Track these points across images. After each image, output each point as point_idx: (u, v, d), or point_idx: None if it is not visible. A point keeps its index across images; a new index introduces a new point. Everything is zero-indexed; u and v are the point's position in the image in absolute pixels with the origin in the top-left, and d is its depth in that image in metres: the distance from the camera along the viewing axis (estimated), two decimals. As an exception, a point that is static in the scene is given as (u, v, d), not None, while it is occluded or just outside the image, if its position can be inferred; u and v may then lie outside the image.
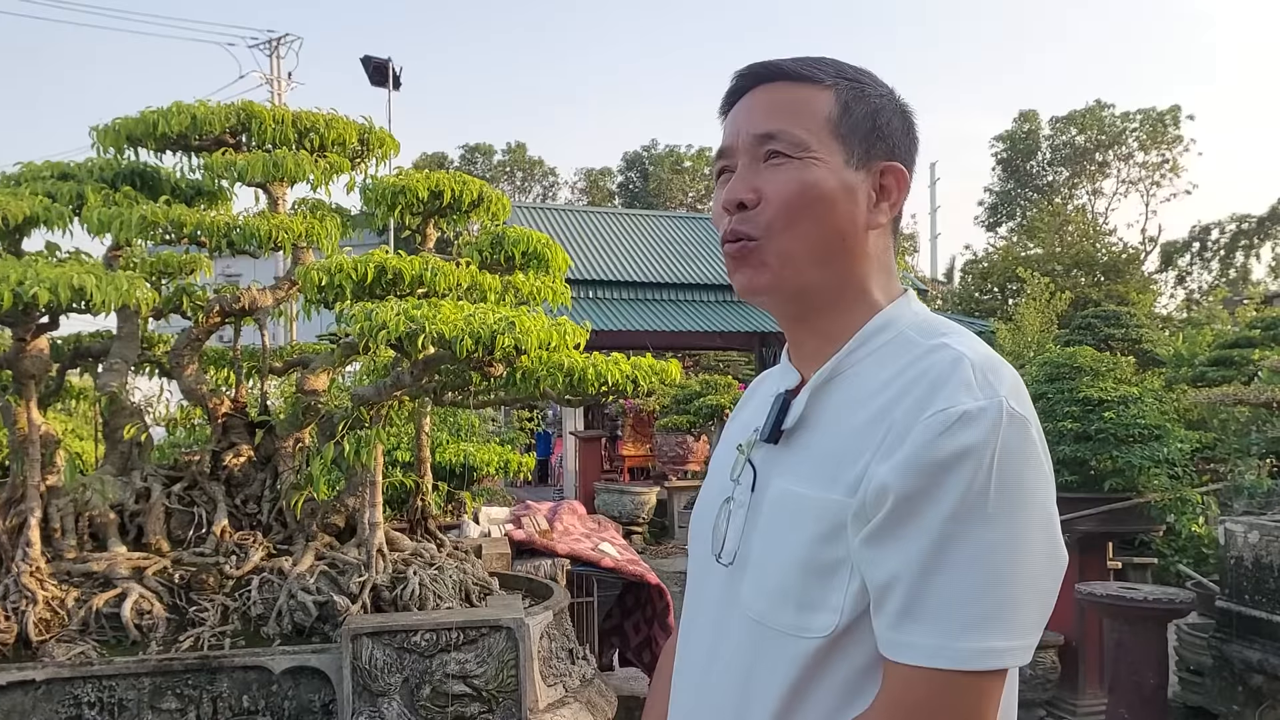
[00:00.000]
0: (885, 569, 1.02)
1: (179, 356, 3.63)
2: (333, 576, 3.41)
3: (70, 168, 3.70)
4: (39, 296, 2.79)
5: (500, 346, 2.96)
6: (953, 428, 1.00)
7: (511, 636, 3.14)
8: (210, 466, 3.66)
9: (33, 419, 3.30)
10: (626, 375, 3.55)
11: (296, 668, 3.13)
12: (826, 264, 1.18)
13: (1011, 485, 0.99)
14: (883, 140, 1.20)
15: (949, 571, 0.98)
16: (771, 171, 1.17)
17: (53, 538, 3.42)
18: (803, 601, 1.09)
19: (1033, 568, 1.00)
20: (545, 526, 5.47)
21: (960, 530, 0.98)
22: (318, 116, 3.63)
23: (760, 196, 1.17)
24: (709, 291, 18.57)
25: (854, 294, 1.20)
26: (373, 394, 3.35)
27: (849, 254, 1.19)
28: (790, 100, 1.19)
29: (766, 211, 1.16)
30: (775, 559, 1.14)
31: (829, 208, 1.16)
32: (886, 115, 1.22)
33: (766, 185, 1.17)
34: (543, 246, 3.99)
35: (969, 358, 1.06)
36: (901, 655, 1.01)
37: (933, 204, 25.31)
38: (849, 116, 1.19)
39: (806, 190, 1.16)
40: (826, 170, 1.16)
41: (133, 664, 3.07)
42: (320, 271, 3.14)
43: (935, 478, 0.99)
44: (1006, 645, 0.98)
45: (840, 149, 1.18)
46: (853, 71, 1.23)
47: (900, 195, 1.22)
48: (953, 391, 1.03)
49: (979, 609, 0.97)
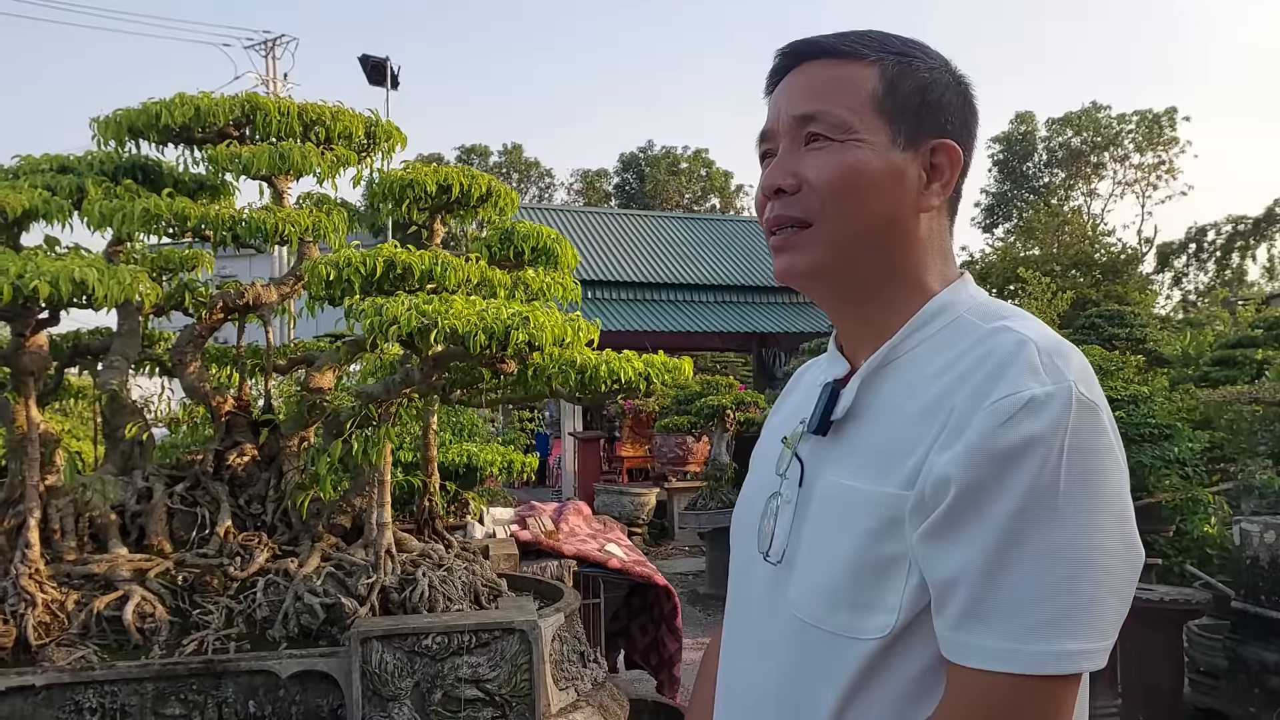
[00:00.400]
0: (947, 566, 0.95)
1: (181, 354, 3.55)
2: (340, 578, 3.33)
3: (70, 160, 3.62)
4: (39, 290, 2.71)
5: (514, 342, 2.89)
6: (1018, 415, 0.94)
7: (525, 639, 3.07)
8: (213, 466, 3.58)
9: (32, 417, 3.22)
10: (640, 373, 3.48)
11: (304, 672, 3.05)
12: (875, 250, 1.12)
13: (1083, 477, 0.93)
14: (933, 116, 1.13)
15: (1017, 569, 0.92)
16: (812, 155, 1.11)
17: (52, 539, 3.34)
18: (857, 601, 1.03)
19: (1107, 565, 0.94)
20: (551, 527, 5.40)
21: (1028, 525, 0.92)
22: (323, 109, 3.56)
23: (800, 181, 1.11)
24: (706, 292, 18.51)
25: (906, 280, 1.14)
26: (381, 391, 3.27)
27: (899, 239, 1.12)
28: (831, 78, 1.13)
29: (809, 196, 1.11)
30: (826, 557, 1.07)
31: (874, 191, 1.10)
32: (938, 90, 1.15)
33: (807, 169, 1.11)
34: (552, 242, 3.92)
35: (1033, 340, 1.00)
36: (967, 658, 0.94)
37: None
38: (894, 93, 1.12)
39: (849, 174, 1.10)
40: (870, 152, 1.10)
41: (135, 668, 2.99)
42: (328, 266, 3.07)
43: (1000, 469, 0.93)
44: (1080, 648, 0.92)
45: (885, 128, 1.11)
46: (900, 44, 1.16)
47: (954, 174, 1.15)
48: (1017, 376, 0.96)
49: (1050, 609, 0.91)
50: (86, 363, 3.97)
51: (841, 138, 1.10)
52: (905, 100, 1.12)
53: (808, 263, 1.13)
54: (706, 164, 41.05)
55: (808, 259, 1.13)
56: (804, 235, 1.12)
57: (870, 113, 1.11)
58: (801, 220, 1.12)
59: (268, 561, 3.39)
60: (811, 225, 1.11)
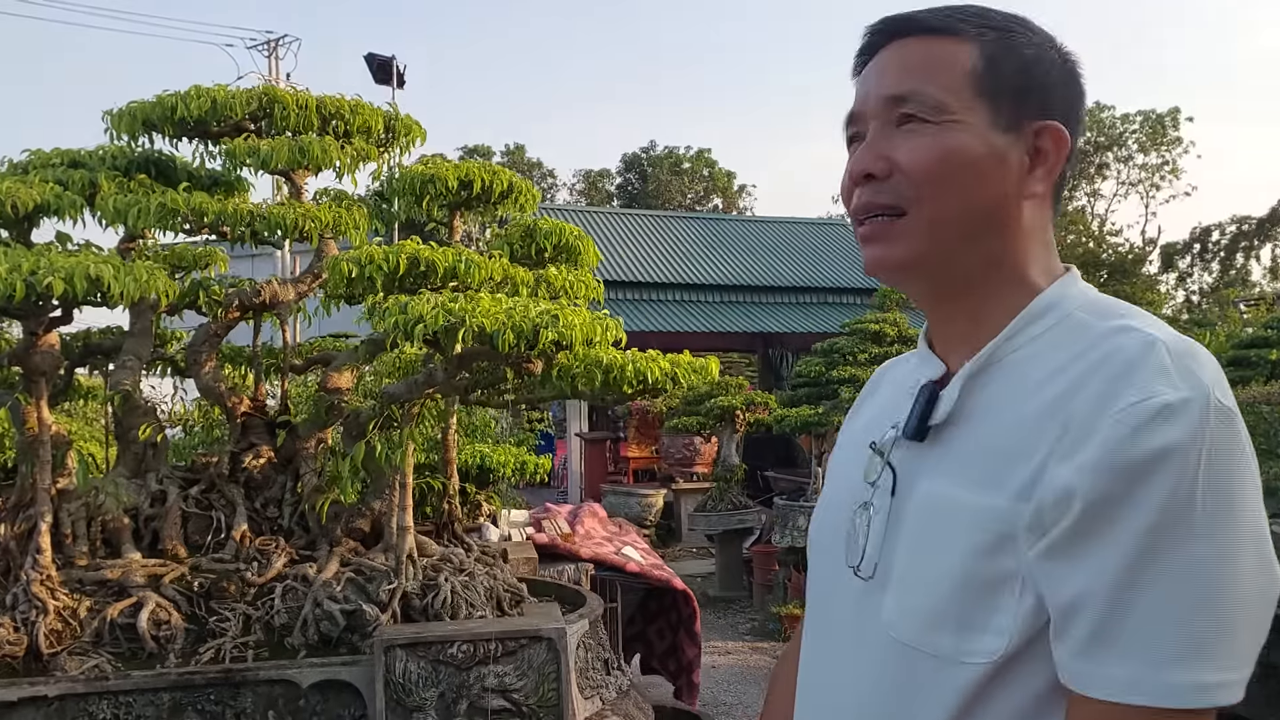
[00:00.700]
0: (1071, 587, 0.87)
1: (196, 353, 3.46)
2: (360, 584, 3.24)
3: (80, 155, 3.53)
4: (53, 287, 2.62)
5: (543, 341, 2.80)
6: (1152, 423, 0.85)
7: (553, 647, 2.97)
8: (229, 468, 3.49)
9: (43, 418, 3.13)
10: (666, 373, 3.39)
11: (325, 681, 2.95)
12: (974, 240, 1.04)
13: (1221, 491, 0.85)
14: (1037, 96, 1.05)
15: (1150, 591, 0.84)
16: (905, 138, 1.03)
17: (63, 544, 3.25)
18: (963, 622, 0.95)
19: (1245, 588, 0.85)
20: (567, 530, 5.31)
21: (1163, 544, 0.84)
22: (341, 101, 3.46)
23: (892, 166, 1.03)
24: (711, 292, 18.43)
25: (1008, 273, 1.05)
26: (403, 392, 3.18)
27: (1000, 228, 1.04)
28: (926, 56, 1.05)
29: (902, 182, 1.03)
30: (926, 573, 0.99)
31: (974, 177, 1.02)
32: (1042, 68, 1.06)
33: (899, 153, 1.03)
34: (574, 239, 3.83)
35: (1162, 340, 0.91)
36: (1091, 688, 0.86)
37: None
38: (995, 71, 1.04)
39: (946, 158, 1.02)
40: (969, 134, 1.02)
41: (151, 678, 2.89)
42: (350, 262, 2.98)
43: (1132, 482, 0.85)
44: (1218, 679, 0.84)
45: (985, 109, 1.03)
46: (1000, 19, 1.08)
47: (1059, 159, 1.06)
48: (1148, 380, 0.88)
49: (1185, 636, 0.83)
50: (97, 362, 3.88)
51: (938, 119, 1.02)
52: (1007, 79, 1.04)
53: (901, 254, 1.05)
54: (709, 164, 40.99)
55: (901, 250, 1.05)
56: (897, 224, 1.05)
57: (969, 92, 1.03)
58: (893, 208, 1.04)
59: (285, 567, 3.30)
60: (905, 213, 1.04)
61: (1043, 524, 0.89)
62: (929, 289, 1.10)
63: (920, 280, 1.09)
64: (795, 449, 13.65)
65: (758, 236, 20.88)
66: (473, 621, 3.12)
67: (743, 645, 8.21)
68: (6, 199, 3.03)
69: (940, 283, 1.08)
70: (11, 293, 2.55)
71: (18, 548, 3.19)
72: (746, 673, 7.39)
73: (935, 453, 1.04)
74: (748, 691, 6.95)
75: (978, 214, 1.03)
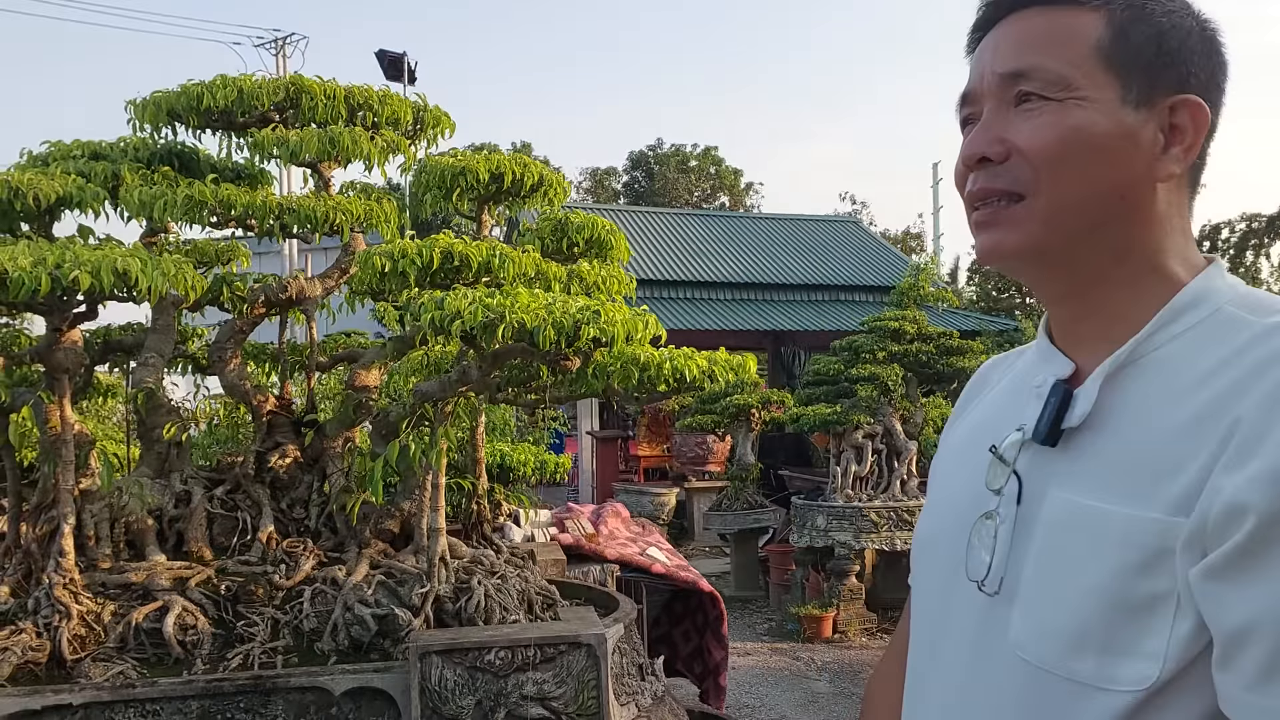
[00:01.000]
0: (1241, 611, 0.78)
1: (221, 350, 3.37)
2: (391, 587, 3.15)
3: (102, 147, 3.44)
4: (79, 281, 2.53)
5: (584, 338, 2.70)
6: None
7: (592, 654, 2.88)
8: (254, 468, 3.40)
9: (66, 417, 3.04)
10: (704, 370, 3.30)
11: (358, 688, 2.86)
12: (1101, 227, 0.95)
13: None
14: (1172, 69, 0.95)
15: None
16: (1023, 118, 0.95)
17: (86, 546, 3.16)
18: (1107, 645, 0.86)
19: None
20: (591, 530, 5.22)
21: None
22: (370, 92, 3.37)
23: (1009, 149, 0.95)
24: (720, 289, 18.32)
25: (1143, 262, 0.96)
26: (437, 390, 3.09)
27: (1131, 214, 0.95)
28: (1047, 28, 0.96)
29: (1020, 165, 0.95)
30: (1063, 591, 0.90)
31: (1101, 158, 0.93)
32: (1178, 37, 0.96)
33: (1017, 135, 0.95)
34: (606, 233, 3.74)
35: None
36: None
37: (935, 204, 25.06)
38: (1125, 42, 0.94)
39: (1069, 138, 0.93)
40: (1095, 111, 0.93)
41: (179, 685, 2.80)
42: (382, 257, 2.88)
43: None
44: None
45: (1114, 83, 0.94)
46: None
47: (1198, 136, 0.96)
48: None
49: None
50: (117, 360, 3.80)
51: (1059, 96, 0.94)
52: (1138, 50, 0.95)
53: (1018, 241, 0.97)
54: (716, 162, 40.84)
55: (1018, 237, 0.97)
56: (1015, 210, 0.96)
57: (1095, 66, 0.94)
58: (1011, 192, 0.96)
59: (314, 569, 3.21)
60: (1024, 198, 0.95)
61: (1206, 540, 0.81)
62: (1051, 279, 1.02)
63: (1039, 270, 1.01)
64: (808, 447, 13.53)
65: (768, 233, 20.77)
66: (509, 626, 3.02)
67: (761, 646, 8.12)
68: (29, 191, 2.94)
69: (1063, 273, 0.99)
70: (36, 287, 2.46)
71: (39, 550, 3.11)
72: (768, 674, 7.30)
73: (1068, 458, 0.96)
74: (769, 693, 6.86)
75: (1104, 199, 0.94)
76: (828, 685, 7.08)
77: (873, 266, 19.88)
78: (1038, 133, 0.94)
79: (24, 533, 3.19)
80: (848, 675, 7.28)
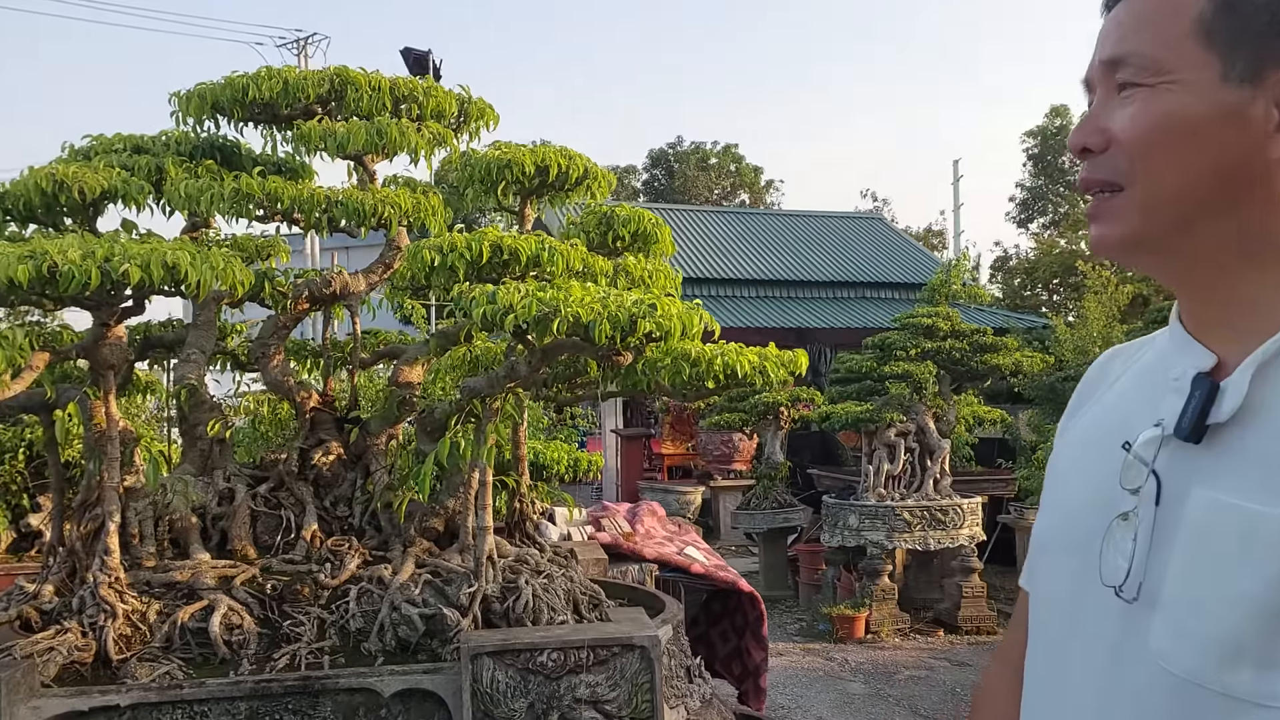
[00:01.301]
0: None
1: (264, 346, 3.33)
2: (438, 586, 3.10)
3: (144, 140, 3.40)
4: (129, 275, 2.49)
5: (640, 332, 2.64)
6: None
7: (646, 656, 2.82)
8: (298, 465, 3.35)
9: (111, 413, 3.00)
10: (755, 366, 3.23)
11: (407, 690, 2.81)
12: (1211, 214, 0.90)
13: None
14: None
15: None
16: (1122, 106, 0.92)
17: (130, 544, 3.12)
18: (1265, 659, 0.80)
19: None
20: (628, 529, 5.16)
21: None
22: (415, 84, 3.32)
23: (1108, 138, 0.92)
24: (744, 286, 18.23)
25: (1271, 248, 0.91)
26: (484, 386, 3.03)
27: (1245, 198, 0.89)
28: (1149, 8, 0.92)
29: (1117, 155, 0.91)
30: (1213, 598, 0.83)
31: (1193, 143, 0.89)
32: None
33: (1114, 124, 0.92)
34: (652, 226, 3.68)
35: None
36: None
37: (955, 201, 24.88)
38: (1230, 14, 0.89)
39: (1159, 125, 0.89)
40: (1189, 94, 0.89)
41: (227, 686, 2.76)
42: (431, 250, 2.83)
43: None
44: None
45: (1214, 61, 0.88)
46: None
47: None
48: None
49: None
50: (157, 356, 3.76)
51: (1152, 81, 0.90)
52: (1246, 21, 0.88)
53: (1120, 235, 0.94)
54: (736, 159, 40.67)
55: (1120, 230, 0.94)
56: (1115, 202, 0.93)
57: (1192, 44, 0.89)
58: (1111, 183, 0.93)
59: (359, 568, 3.16)
60: (1123, 189, 0.92)
61: None
62: (1165, 270, 0.98)
63: (1155, 261, 0.97)
64: (835, 446, 13.43)
65: (791, 230, 20.65)
66: (560, 628, 2.96)
67: (793, 646, 8.03)
68: (73, 184, 2.91)
69: (1178, 264, 0.95)
70: (87, 280, 2.42)
71: (84, 548, 3.07)
72: (801, 674, 7.22)
73: (1212, 455, 0.89)
74: (803, 694, 6.78)
75: (1206, 185, 0.90)
76: (862, 686, 6.99)
77: (898, 263, 19.73)
78: (1130, 121, 0.91)
79: (68, 531, 3.16)
80: (882, 676, 7.20)
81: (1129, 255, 0.98)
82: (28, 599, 3.03)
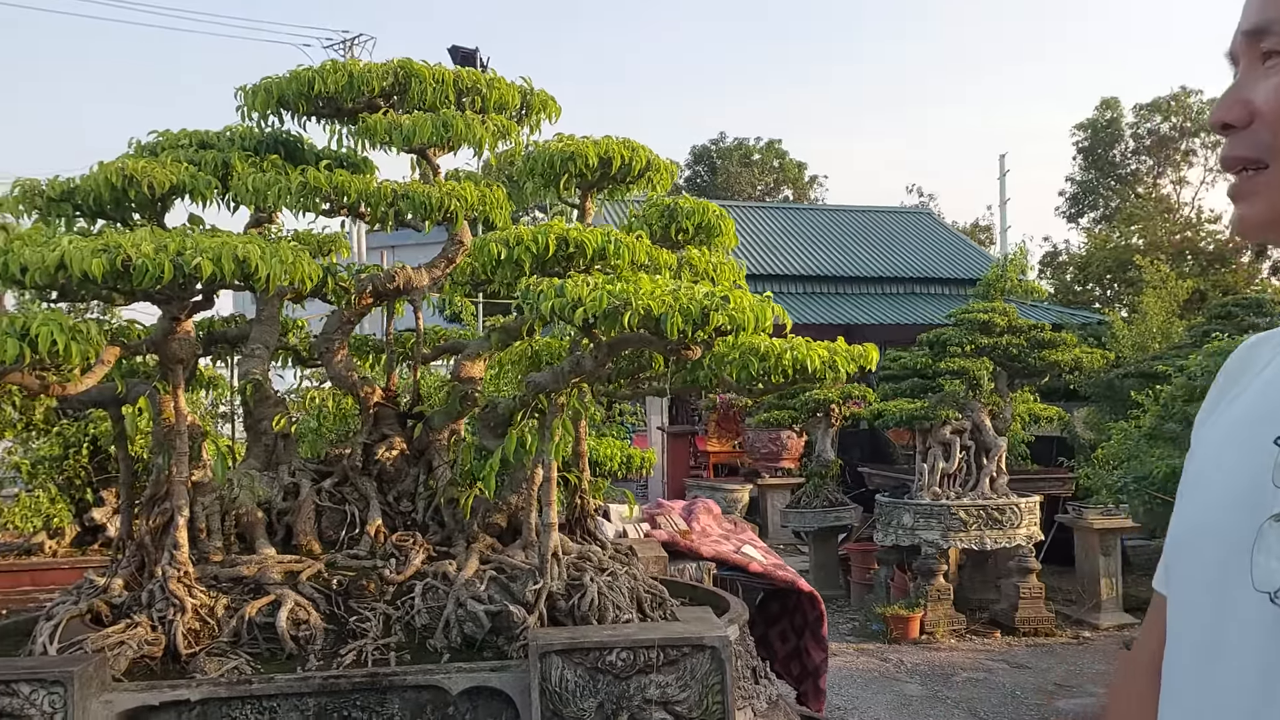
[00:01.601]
0: None
1: (329, 341, 3.32)
2: (503, 583, 3.07)
3: (210, 136, 3.41)
4: (201, 269, 2.48)
5: (712, 325, 2.58)
6: None
7: (716, 656, 2.76)
8: (361, 460, 3.34)
9: (180, 408, 3.01)
10: (825, 361, 3.16)
11: (474, 688, 2.78)
12: None
13: None
14: None
15: None
16: (1266, 77, 0.87)
17: (198, 539, 3.13)
18: None
19: None
20: (684, 526, 5.10)
21: None
22: (478, 76, 3.29)
23: (1251, 112, 0.87)
24: (790, 282, 18.09)
25: None
26: (550, 381, 2.99)
27: None
28: None
29: (1261, 131, 0.86)
30: None
31: None
32: None
33: (1258, 96, 0.86)
34: (716, 219, 3.62)
35: None
36: None
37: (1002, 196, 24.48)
38: None
39: None
40: None
41: (295, 682, 2.74)
42: (498, 243, 2.79)
43: None
44: None
45: None
46: None
47: None
48: None
49: None
50: (220, 351, 3.77)
51: None
52: None
53: (1261, 213, 0.89)
54: (779, 155, 40.41)
55: (1261, 209, 0.88)
56: (1259, 179, 0.88)
57: None
58: (1254, 159, 0.87)
59: (424, 564, 3.14)
60: (1268, 166, 0.87)
61: None
62: None
63: None
64: (884, 443, 13.26)
65: (837, 225, 20.46)
66: (628, 626, 2.92)
67: (846, 646, 7.93)
68: (143, 179, 2.91)
69: None
70: (160, 274, 2.41)
71: (153, 543, 3.08)
72: (856, 675, 7.12)
73: None
74: (859, 695, 6.68)
75: None
76: (919, 688, 6.88)
77: (947, 258, 19.47)
78: (1275, 93, 0.85)
79: (137, 525, 3.17)
80: (939, 678, 7.08)
81: (1270, 235, 0.92)
82: (98, 593, 3.05)
